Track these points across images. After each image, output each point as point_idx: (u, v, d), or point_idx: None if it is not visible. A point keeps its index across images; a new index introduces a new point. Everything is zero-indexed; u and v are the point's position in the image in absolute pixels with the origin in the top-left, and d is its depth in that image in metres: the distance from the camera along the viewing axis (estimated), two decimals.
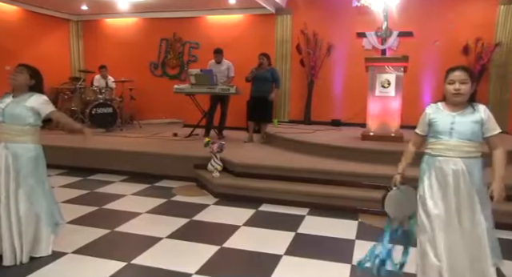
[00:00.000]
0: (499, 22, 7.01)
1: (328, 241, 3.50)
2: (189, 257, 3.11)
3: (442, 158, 2.35)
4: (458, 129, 2.31)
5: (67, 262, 3.00)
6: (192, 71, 6.75)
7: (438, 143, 2.37)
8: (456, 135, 2.31)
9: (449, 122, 2.33)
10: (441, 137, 2.36)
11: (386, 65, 5.63)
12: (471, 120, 2.31)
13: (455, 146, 2.31)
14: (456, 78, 2.31)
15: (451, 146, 2.32)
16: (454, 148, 2.32)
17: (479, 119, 2.31)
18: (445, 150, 2.34)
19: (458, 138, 2.31)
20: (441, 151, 2.36)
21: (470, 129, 2.30)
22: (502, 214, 3.80)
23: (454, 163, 2.31)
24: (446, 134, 2.34)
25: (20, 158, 2.88)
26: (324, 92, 8.05)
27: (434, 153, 2.39)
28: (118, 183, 5.34)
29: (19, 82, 2.91)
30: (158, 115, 9.14)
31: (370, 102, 5.80)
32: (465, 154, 2.31)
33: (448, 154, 2.33)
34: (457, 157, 2.31)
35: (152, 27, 9.09)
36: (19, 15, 8.40)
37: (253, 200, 4.50)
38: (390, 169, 4.46)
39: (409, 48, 7.08)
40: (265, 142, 6.48)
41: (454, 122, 2.32)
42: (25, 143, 2.91)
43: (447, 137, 2.33)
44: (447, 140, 2.33)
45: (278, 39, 8.19)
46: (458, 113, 2.34)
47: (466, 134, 2.30)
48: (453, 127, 2.32)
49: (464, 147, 2.31)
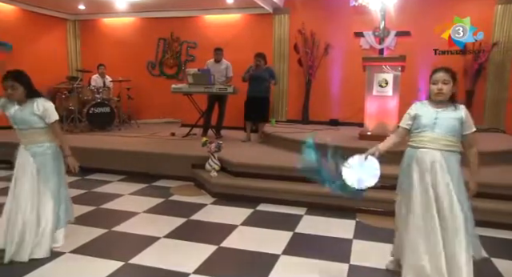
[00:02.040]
0: (497, 22, 7.04)
1: (326, 240, 3.51)
2: (187, 256, 3.11)
3: (424, 149, 2.53)
4: (441, 123, 2.50)
5: (65, 261, 3.00)
6: (189, 71, 6.74)
7: (421, 136, 2.56)
8: (438, 129, 2.50)
9: (433, 117, 2.53)
10: (424, 130, 2.54)
11: (383, 64, 5.63)
12: (453, 117, 2.50)
13: (436, 138, 2.50)
14: (439, 79, 2.52)
15: (432, 138, 2.51)
16: (434, 140, 2.51)
17: (460, 117, 2.50)
18: (426, 142, 2.53)
19: (439, 132, 2.50)
20: (423, 143, 2.54)
21: (451, 124, 2.49)
22: (502, 214, 3.82)
23: (433, 155, 2.50)
24: (429, 128, 2.52)
25: (39, 157, 3.02)
26: (322, 92, 8.06)
27: (415, 145, 2.58)
28: (115, 183, 5.33)
29: (17, 98, 2.96)
30: (155, 115, 9.13)
31: (368, 102, 5.80)
32: (444, 148, 2.50)
33: (429, 146, 2.52)
34: (436, 149, 2.50)
35: (149, 27, 9.08)
36: (17, 15, 8.37)
37: (251, 200, 4.50)
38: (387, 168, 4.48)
39: (406, 48, 7.10)
40: (262, 141, 6.48)
41: (437, 117, 2.52)
42: (42, 143, 3.05)
43: (430, 130, 2.52)
44: (429, 133, 2.52)
45: (276, 39, 8.19)
46: (441, 109, 2.54)
47: (447, 129, 2.49)
48: (436, 122, 2.51)
49: (444, 141, 2.50)
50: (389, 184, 4.22)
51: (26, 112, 2.97)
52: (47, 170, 3.05)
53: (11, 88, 2.91)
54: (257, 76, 6.25)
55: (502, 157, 5.03)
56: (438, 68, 2.58)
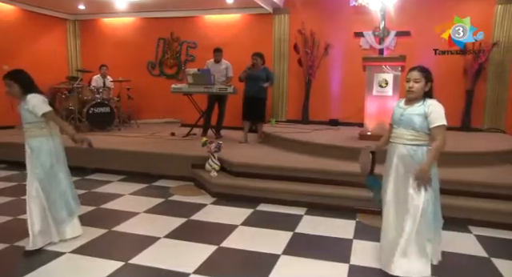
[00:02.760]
0: (497, 22, 7.04)
1: (326, 240, 3.50)
2: (187, 257, 3.11)
3: (393, 144, 2.79)
4: (404, 120, 2.69)
5: (65, 261, 3.00)
6: (189, 71, 6.73)
7: (392, 132, 2.81)
8: (402, 125, 2.71)
9: (399, 114, 2.74)
10: (394, 126, 2.79)
11: (383, 64, 5.64)
12: (416, 113, 2.65)
13: (400, 134, 2.73)
14: (411, 77, 2.69)
15: (398, 133, 2.74)
16: (399, 136, 2.74)
17: (422, 113, 2.63)
18: (394, 138, 2.78)
19: (403, 128, 2.70)
20: (392, 138, 2.80)
21: (413, 120, 2.64)
22: (503, 214, 3.82)
23: (398, 148, 2.73)
24: (396, 124, 2.76)
25: (35, 151, 3.14)
26: (322, 92, 8.06)
27: (390, 140, 2.84)
28: (115, 183, 5.33)
29: (15, 95, 3.14)
30: (155, 115, 9.13)
31: (368, 102, 5.80)
32: (407, 142, 2.69)
33: (395, 141, 2.77)
34: (400, 143, 2.72)
35: (149, 27, 9.08)
36: (16, 15, 8.37)
37: (251, 200, 4.50)
38: None
39: (406, 48, 7.10)
40: (262, 141, 6.48)
41: (403, 114, 2.71)
42: (39, 137, 3.16)
43: (397, 126, 2.76)
44: (396, 129, 2.76)
45: (276, 39, 8.20)
46: (408, 106, 2.71)
47: (409, 125, 2.66)
48: (401, 118, 2.71)
49: (407, 135, 2.68)
50: None
51: (23, 107, 3.10)
52: (38, 164, 3.14)
53: (8, 86, 3.11)
54: (254, 76, 6.21)
55: (502, 157, 5.03)
56: (413, 67, 2.73)
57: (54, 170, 3.22)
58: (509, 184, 4.10)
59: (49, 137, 3.21)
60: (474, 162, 4.80)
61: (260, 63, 6.25)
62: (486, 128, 7.13)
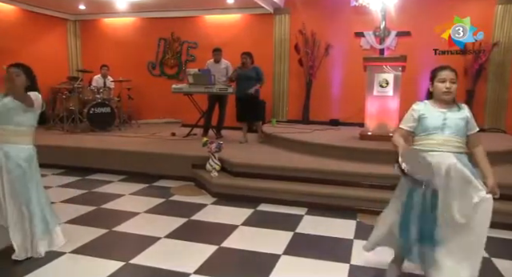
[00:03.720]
0: (497, 22, 7.04)
1: (326, 241, 3.50)
2: (187, 257, 3.11)
3: (435, 152, 2.40)
4: (450, 124, 2.41)
5: (65, 261, 3.00)
6: (190, 71, 6.74)
7: (429, 138, 2.44)
8: (448, 130, 2.41)
9: (441, 118, 2.43)
10: (433, 132, 2.43)
11: (384, 64, 5.64)
12: (459, 117, 2.43)
13: (447, 140, 2.40)
14: (447, 77, 2.43)
15: (443, 140, 2.41)
16: (445, 143, 2.40)
17: (465, 117, 2.44)
18: (437, 145, 2.41)
19: (449, 133, 2.41)
20: (433, 146, 2.42)
21: (459, 125, 2.42)
22: (503, 214, 3.82)
23: (448, 157, 2.38)
24: (438, 130, 2.42)
25: (12, 160, 2.86)
26: (322, 92, 8.06)
27: (425, 148, 2.44)
28: (116, 183, 5.33)
29: (17, 86, 2.85)
30: (156, 115, 9.13)
31: (368, 102, 5.80)
32: (456, 149, 2.41)
33: (441, 149, 2.40)
34: (449, 151, 2.39)
35: (150, 27, 9.08)
36: (17, 15, 8.37)
37: (251, 200, 4.50)
38: (387, 168, 4.48)
39: (407, 48, 7.10)
40: (263, 141, 6.48)
41: (445, 118, 2.42)
42: (17, 144, 2.90)
43: (439, 132, 2.42)
44: (439, 135, 2.41)
45: (276, 39, 8.19)
46: (447, 110, 2.46)
47: (456, 130, 2.41)
48: (445, 123, 2.41)
49: (455, 142, 2.41)
50: (389, 184, 4.24)
51: (15, 106, 2.85)
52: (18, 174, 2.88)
53: (16, 75, 2.86)
54: (244, 75, 6.21)
55: (503, 157, 5.03)
56: (444, 66, 2.50)
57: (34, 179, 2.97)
58: (509, 184, 4.09)
59: (30, 145, 2.97)
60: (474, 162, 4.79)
61: (249, 63, 6.26)
62: (487, 128, 7.13)
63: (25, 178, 2.91)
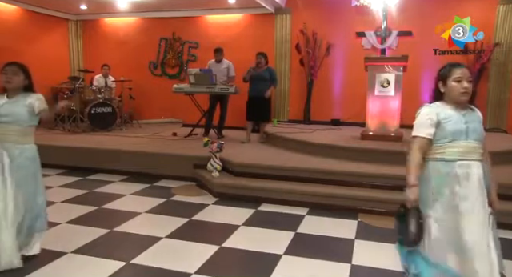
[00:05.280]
0: (498, 22, 7.02)
1: (327, 241, 3.50)
2: (188, 257, 3.11)
3: (464, 161, 2.09)
4: (471, 129, 2.11)
5: (67, 261, 3.00)
6: (191, 71, 6.74)
7: (454, 146, 2.10)
8: (472, 136, 2.11)
9: (462, 122, 2.11)
10: (456, 138, 2.10)
11: (385, 64, 5.63)
12: (478, 120, 2.17)
13: (474, 147, 2.11)
14: (464, 76, 2.13)
15: (470, 147, 2.10)
16: (472, 150, 2.10)
17: (481, 120, 2.20)
18: (464, 153, 2.09)
19: (474, 139, 2.11)
20: (459, 154, 2.09)
21: (478, 129, 2.14)
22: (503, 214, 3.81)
23: (477, 166, 2.10)
24: (463, 135, 2.10)
25: (17, 159, 2.84)
26: (323, 92, 8.05)
27: (449, 157, 2.11)
28: (117, 183, 5.33)
29: (15, 85, 2.84)
30: (157, 115, 9.13)
31: (370, 102, 5.80)
32: (479, 157, 2.12)
33: (469, 157, 2.09)
34: (476, 160, 2.10)
35: (151, 27, 9.08)
36: (18, 15, 8.38)
37: (252, 200, 4.50)
38: (389, 168, 4.49)
39: (408, 47, 7.08)
40: (264, 141, 6.48)
41: (467, 121, 2.12)
42: (22, 144, 2.88)
43: (464, 138, 2.10)
44: (464, 141, 2.10)
45: (278, 39, 8.18)
46: (465, 112, 2.16)
47: (478, 135, 2.13)
48: (468, 127, 2.11)
49: (478, 149, 2.12)
50: (390, 184, 4.25)
51: (20, 104, 2.84)
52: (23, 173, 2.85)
53: (13, 73, 2.83)
54: (257, 76, 6.26)
55: (504, 157, 5.02)
56: (457, 63, 2.20)
57: (36, 180, 2.96)
58: (509, 184, 4.09)
59: (33, 144, 2.96)
60: None
61: (264, 63, 6.32)
62: (488, 128, 7.11)
63: (29, 176, 2.90)
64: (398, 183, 2.77)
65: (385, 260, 2.96)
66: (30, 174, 2.90)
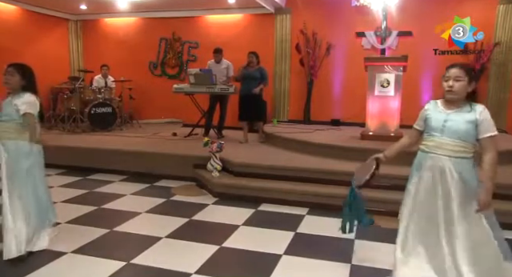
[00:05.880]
0: (498, 22, 7.02)
1: (327, 241, 3.50)
2: (188, 257, 3.11)
3: (433, 155, 2.37)
4: (450, 127, 2.31)
5: (66, 261, 3.00)
6: (191, 71, 6.74)
7: (430, 140, 2.40)
8: (446, 133, 2.32)
9: (442, 120, 2.34)
10: (433, 134, 2.38)
11: (385, 64, 5.63)
12: (465, 119, 2.29)
13: (444, 144, 2.33)
14: (451, 75, 2.31)
15: (440, 143, 2.34)
16: (441, 146, 2.34)
17: (473, 120, 2.27)
18: (435, 148, 2.37)
19: (448, 137, 2.31)
20: (431, 148, 2.38)
21: (462, 128, 2.28)
22: (504, 215, 3.80)
23: (441, 161, 2.33)
24: (438, 131, 2.35)
25: (12, 155, 2.97)
26: (323, 92, 8.05)
27: (426, 149, 2.42)
28: (117, 183, 5.33)
29: (12, 85, 3.01)
30: (157, 115, 9.13)
31: (370, 102, 5.80)
32: (453, 154, 2.31)
33: (437, 152, 2.35)
34: (445, 155, 2.32)
35: (151, 27, 9.09)
36: (18, 15, 8.38)
37: (252, 200, 4.50)
38: (389, 168, 4.47)
39: (408, 48, 7.09)
40: (264, 141, 6.48)
41: (446, 119, 2.33)
42: (17, 140, 2.99)
43: (438, 134, 2.35)
44: (437, 138, 2.35)
45: (278, 39, 8.19)
46: (453, 111, 2.34)
47: (457, 133, 2.29)
48: (445, 125, 2.32)
49: (453, 146, 2.31)
50: (390, 184, 4.24)
51: (13, 103, 2.98)
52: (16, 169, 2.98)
53: (10, 74, 3.00)
54: (248, 75, 6.25)
55: (504, 157, 5.01)
56: (453, 64, 2.38)
57: (31, 175, 3.05)
58: (509, 184, 4.09)
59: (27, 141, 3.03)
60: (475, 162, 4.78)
61: (255, 62, 6.30)
62: None
63: (23, 172, 3.00)
64: (398, 183, 2.78)
65: (385, 260, 2.96)
66: (23, 170, 3.00)
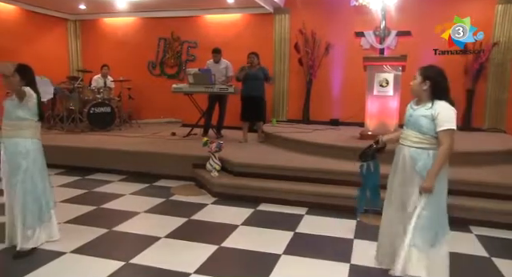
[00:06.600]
0: (497, 22, 7.03)
1: (327, 240, 3.51)
2: (187, 256, 3.11)
3: (399, 145, 2.70)
4: (411, 121, 2.61)
5: (66, 261, 3.00)
6: (190, 71, 6.74)
7: (402, 132, 2.72)
8: (409, 126, 2.63)
9: (408, 115, 2.66)
10: (404, 127, 2.71)
11: (384, 64, 5.63)
12: (422, 114, 2.55)
13: (407, 135, 2.63)
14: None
15: (405, 134, 2.65)
16: (405, 137, 2.64)
17: (429, 114, 2.52)
18: (402, 138, 2.69)
19: (410, 129, 2.62)
20: (400, 139, 2.70)
21: (419, 122, 2.54)
22: (505, 215, 3.82)
23: (403, 150, 2.64)
24: (405, 125, 2.68)
25: (10, 152, 3.07)
26: (322, 91, 8.05)
27: (400, 141, 2.73)
28: (116, 183, 5.33)
29: (12, 86, 3.06)
30: (156, 115, 9.13)
31: (369, 102, 5.80)
32: (412, 144, 2.59)
33: (402, 142, 2.68)
34: (406, 145, 2.63)
35: (150, 26, 9.08)
36: (17, 14, 8.37)
37: (251, 199, 4.50)
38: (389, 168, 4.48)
39: (407, 47, 7.09)
40: (263, 141, 6.48)
41: (411, 114, 2.63)
42: (18, 137, 3.08)
43: (405, 127, 2.68)
44: (404, 130, 2.68)
45: (277, 38, 8.19)
46: (418, 107, 2.62)
47: (415, 126, 2.57)
48: (409, 119, 2.63)
49: (413, 137, 2.59)
50: None
51: (14, 102, 3.06)
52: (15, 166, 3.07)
53: (11, 75, 3.04)
54: (252, 75, 6.24)
55: (503, 157, 5.03)
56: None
57: (29, 173, 3.10)
58: (509, 184, 4.09)
59: (27, 139, 3.11)
60: (474, 162, 4.79)
61: (256, 63, 6.30)
62: (487, 128, 7.12)
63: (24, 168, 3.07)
64: None
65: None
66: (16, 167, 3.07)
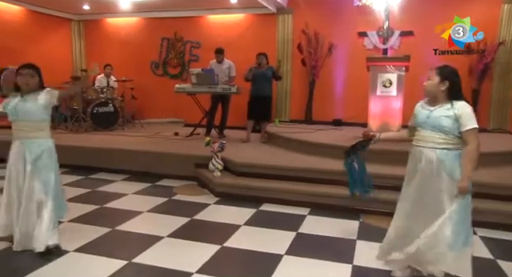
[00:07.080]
0: (503, 21, 7.00)
1: (329, 241, 3.50)
2: (189, 256, 3.11)
3: (418, 147, 2.62)
4: (429, 122, 2.55)
5: (68, 260, 3.01)
6: (193, 71, 6.74)
7: (417, 134, 2.65)
8: (427, 128, 2.56)
9: (425, 116, 2.58)
10: (419, 129, 2.64)
11: (387, 64, 5.62)
12: (443, 115, 2.50)
13: (426, 136, 2.57)
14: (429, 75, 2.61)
15: (423, 136, 2.59)
16: (425, 138, 2.58)
17: (452, 115, 2.48)
18: (419, 140, 2.62)
19: (429, 130, 2.55)
20: (417, 141, 2.64)
21: (441, 123, 2.50)
22: (508, 216, 3.80)
23: (425, 152, 2.56)
24: (422, 126, 2.60)
25: (34, 153, 3.05)
26: (325, 91, 8.04)
27: (414, 143, 2.68)
28: (119, 182, 5.34)
29: (32, 87, 3.06)
30: (159, 114, 9.14)
31: (372, 102, 5.79)
32: (437, 145, 2.53)
33: (421, 144, 2.60)
34: (428, 147, 2.56)
35: (153, 27, 9.10)
36: (22, 15, 8.42)
37: (254, 200, 4.49)
38: (391, 169, 4.46)
39: (410, 47, 7.07)
40: (266, 141, 6.48)
41: (429, 116, 2.56)
42: (38, 138, 3.09)
43: (422, 128, 2.60)
44: (422, 132, 2.61)
45: (280, 39, 8.19)
46: (435, 108, 2.56)
47: (436, 127, 2.52)
48: (425, 121, 2.57)
49: (437, 139, 2.53)
50: (392, 185, 4.23)
51: (33, 102, 3.05)
52: (40, 165, 3.07)
53: (30, 76, 3.04)
54: (261, 75, 6.26)
55: (507, 158, 5.00)
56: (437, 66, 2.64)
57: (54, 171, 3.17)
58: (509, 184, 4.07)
59: (48, 139, 3.17)
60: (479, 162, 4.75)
61: (265, 63, 6.33)
62: (491, 129, 7.09)
63: (46, 169, 3.09)
64: (400, 184, 2.77)
65: None
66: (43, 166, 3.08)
